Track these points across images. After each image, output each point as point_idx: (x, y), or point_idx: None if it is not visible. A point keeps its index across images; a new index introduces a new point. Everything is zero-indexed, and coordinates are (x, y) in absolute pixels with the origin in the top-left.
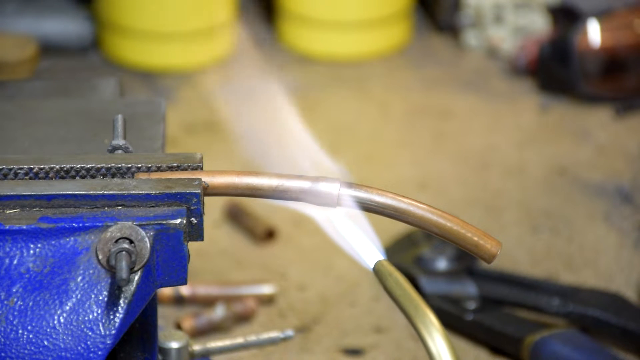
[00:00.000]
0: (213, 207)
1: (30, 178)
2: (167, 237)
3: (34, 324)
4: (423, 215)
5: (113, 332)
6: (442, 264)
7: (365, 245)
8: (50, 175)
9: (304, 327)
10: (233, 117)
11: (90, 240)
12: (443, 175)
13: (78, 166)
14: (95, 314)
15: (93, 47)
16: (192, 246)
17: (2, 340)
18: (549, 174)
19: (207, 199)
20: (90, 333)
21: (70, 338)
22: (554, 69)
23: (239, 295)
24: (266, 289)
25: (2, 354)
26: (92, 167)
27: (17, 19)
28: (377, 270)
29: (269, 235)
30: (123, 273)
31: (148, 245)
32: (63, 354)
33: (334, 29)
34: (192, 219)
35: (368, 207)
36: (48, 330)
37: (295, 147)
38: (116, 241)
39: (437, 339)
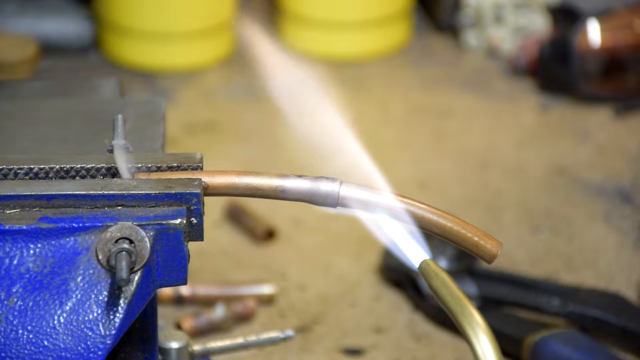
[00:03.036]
0: (213, 207)
1: (30, 178)
2: (167, 237)
3: (34, 324)
4: (423, 215)
5: (113, 332)
6: (442, 264)
7: (410, 245)
8: (50, 175)
9: (304, 327)
10: (234, 117)
11: (90, 240)
12: (443, 175)
13: (78, 166)
14: (95, 314)
15: (93, 47)
16: (192, 246)
17: (2, 340)
18: (549, 174)
19: (207, 199)
20: (90, 333)
21: (70, 338)
22: (554, 69)
23: (239, 295)
24: (266, 289)
25: (2, 354)
26: (92, 167)
27: (17, 19)
28: (422, 270)
29: (269, 235)
30: (123, 273)
31: (148, 245)
32: (63, 354)
33: (334, 29)
34: (192, 219)
35: (368, 207)
36: (48, 330)
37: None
38: (116, 241)
39: (482, 340)
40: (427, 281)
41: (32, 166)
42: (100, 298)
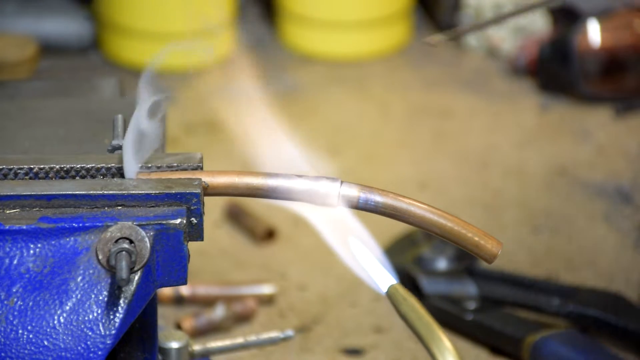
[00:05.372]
0: (213, 207)
1: (30, 178)
2: (167, 237)
3: (34, 324)
4: (423, 215)
5: (113, 332)
6: (442, 264)
7: (377, 269)
8: (50, 175)
9: (304, 327)
10: (233, 117)
11: (90, 240)
12: (443, 175)
13: (78, 166)
14: (95, 314)
15: (93, 47)
16: (192, 246)
17: (2, 340)
18: (549, 174)
19: (207, 199)
20: (90, 333)
21: (70, 338)
22: (554, 69)
23: (239, 295)
24: (266, 289)
25: (2, 354)
26: (92, 167)
27: (17, 19)
28: (390, 295)
29: (269, 235)
30: (123, 273)
31: (148, 245)
32: (63, 354)
33: (334, 29)
34: (192, 219)
35: (368, 207)
36: (48, 330)
37: (290, 149)
38: (116, 241)
39: None
40: (395, 306)
41: (32, 166)
42: (100, 298)
